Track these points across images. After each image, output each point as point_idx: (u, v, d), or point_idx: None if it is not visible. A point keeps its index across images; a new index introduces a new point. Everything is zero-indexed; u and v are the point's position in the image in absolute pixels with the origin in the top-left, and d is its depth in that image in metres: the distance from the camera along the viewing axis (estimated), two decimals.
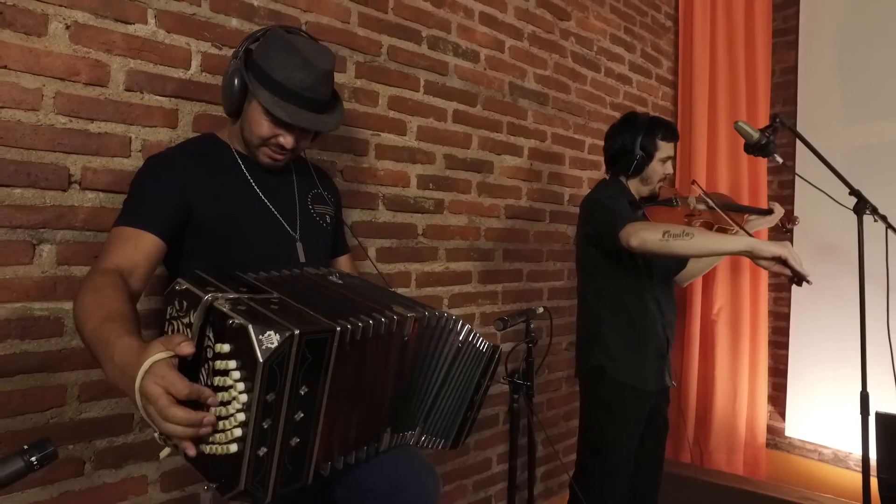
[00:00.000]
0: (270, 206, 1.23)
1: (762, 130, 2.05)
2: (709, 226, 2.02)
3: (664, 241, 1.57)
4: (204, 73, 1.46)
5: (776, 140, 2.00)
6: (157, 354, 0.79)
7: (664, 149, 1.88)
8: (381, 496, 1.01)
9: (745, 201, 3.05)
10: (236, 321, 0.78)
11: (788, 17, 3.17)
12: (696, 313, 3.06)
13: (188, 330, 0.84)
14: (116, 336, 0.86)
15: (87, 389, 1.32)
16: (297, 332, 0.78)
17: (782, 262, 1.50)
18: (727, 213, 2.02)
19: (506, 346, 1.49)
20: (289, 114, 1.13)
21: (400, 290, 1.83)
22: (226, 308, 0.80)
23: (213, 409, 0.79)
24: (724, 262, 3.00)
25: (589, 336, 1.90)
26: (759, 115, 3.10)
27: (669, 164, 1.91)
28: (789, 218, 2.24)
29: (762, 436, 3.10)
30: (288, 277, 1.04)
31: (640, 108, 2.98)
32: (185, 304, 0.86)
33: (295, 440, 0.83)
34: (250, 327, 0.77)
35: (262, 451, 0.80)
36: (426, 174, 1.99)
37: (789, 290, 3.11)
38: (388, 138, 1.88)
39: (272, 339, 0.76)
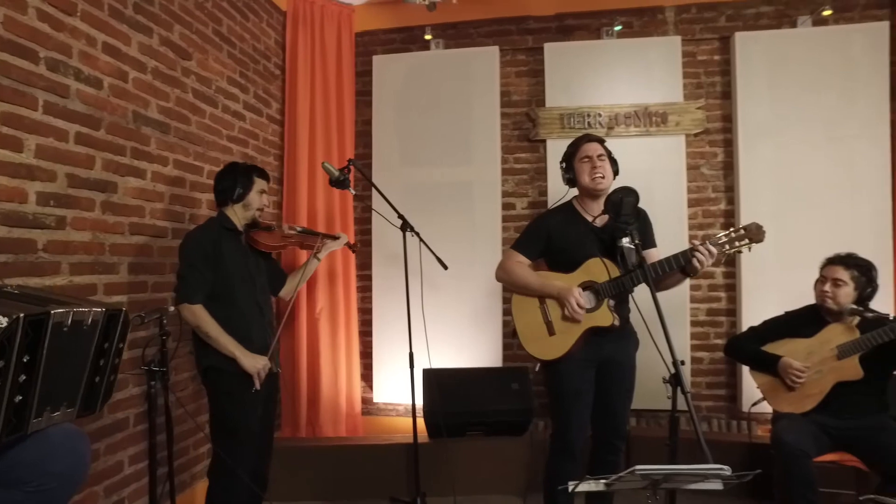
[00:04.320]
0: None
1: (341, 170, 2.83)
2: (299, 244, 2.78)
3: (195, 329, 2.28)
4: None
5: (352, 177, 2.80)
6: None
7: (258, 183, 2.51)
8: (32, 466, 1.19)
9: (337, 222, 3.85)
10: None
11: (366, 83, 4.13)
12: (303, 314, 3.73)
13: None
14: None
15: None
16: (21, 315, 1.04)
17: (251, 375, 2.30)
18: (309, 237, 2.80)
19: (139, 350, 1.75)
20: None
21: None
22: None
23: None
24: (322, 271, 3.74)
25: (200, 340, 2.33)
26: (346, 155, 3.93)
27: (264, 196, 2.54)
28: (354, 243, 3.11)
29: (358, 406, 3.94)
30: None
31: (252, 142, 3.48)
32: None
33: (18, 398, 1.06)
34: None
35: None
36: (47, 191, 2.05)
37: (372, 291, 4.04)
38: (2, 154, 1.89)
39: (2, 321, 1.01)
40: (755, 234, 2.10)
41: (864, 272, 2.52)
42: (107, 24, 2.33)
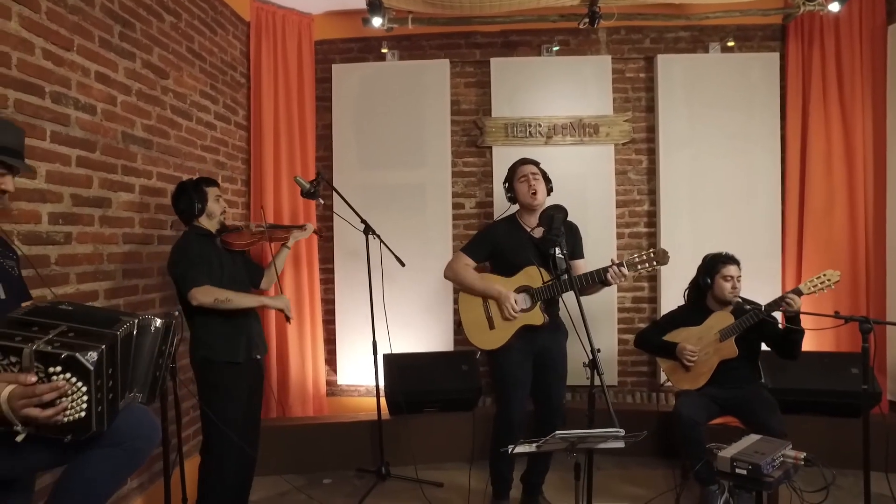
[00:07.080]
0: None
1: (311, 182, 3.17)
2: (269, 238, 3.00)
3: (215, 304, 2.55)
4: None
5: (321, 188, 3.15)
6: (8, 388, 1.29)
7: (211, 192, 2.78)
8: (128, 429, 1.55)
9: (301, 219, 4.15)
10: (65, 353, 1.32)
11: (326, 89, 4.42)
12: None
13: (12, 368, 1.33)
14: None
15: None
16: (104, 346, 1.37)
17: (281, 310, 2.77)
18: (277, 230, 3.08)
19: None
20: (21, 165, 1.61)
21: None
22: (49, 349, 1.33)
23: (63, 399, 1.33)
24: (287, 266, 4.07)
25: (194, 333, 2.67)
26: (308, 158, 4.26)
27: (221, 200, 2.82)
28: (319, 228, 3.42)
29: (323, 388, 4.32)
30: (50, 310, 1.49)
31: (223, 149, 3.75)
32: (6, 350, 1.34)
33: (111, 395, 1.42)
34: (77, 354, 1.33)
35: (100, 408, 1.38)
36: (56, 211, 2.32)
37: (334, 283, 4.39)
38: (20, 182, 2.15)
39: (93, 355, 1.34)
40: (661, 258, 2.65)
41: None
42: (98, 54, 2.58)
